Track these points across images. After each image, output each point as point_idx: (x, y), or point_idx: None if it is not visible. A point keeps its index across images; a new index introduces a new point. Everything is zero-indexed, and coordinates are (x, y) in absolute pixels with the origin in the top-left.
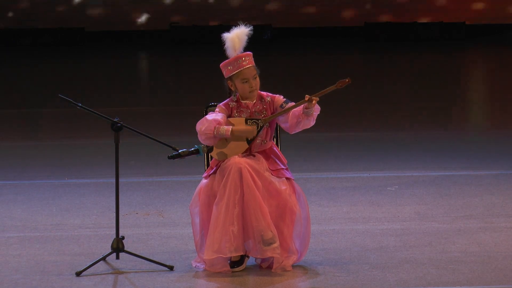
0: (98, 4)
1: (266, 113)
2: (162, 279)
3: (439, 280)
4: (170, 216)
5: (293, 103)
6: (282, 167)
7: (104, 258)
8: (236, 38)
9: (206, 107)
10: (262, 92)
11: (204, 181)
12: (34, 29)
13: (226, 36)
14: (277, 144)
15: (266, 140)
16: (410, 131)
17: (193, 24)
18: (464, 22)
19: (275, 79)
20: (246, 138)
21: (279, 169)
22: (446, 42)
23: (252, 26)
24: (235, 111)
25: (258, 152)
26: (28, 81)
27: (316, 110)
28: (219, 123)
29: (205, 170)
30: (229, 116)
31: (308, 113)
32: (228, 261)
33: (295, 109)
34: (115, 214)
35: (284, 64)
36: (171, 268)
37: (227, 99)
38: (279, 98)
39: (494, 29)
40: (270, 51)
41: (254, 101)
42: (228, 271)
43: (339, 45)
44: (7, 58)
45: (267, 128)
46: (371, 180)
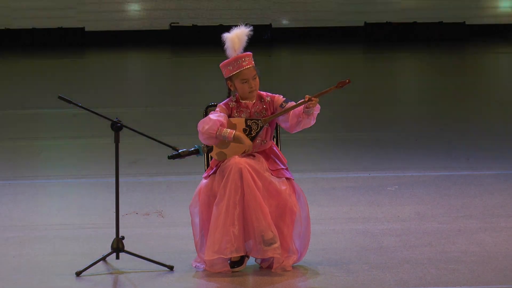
0: (98, 4)
1: (266, 113)
2: (162, 279)
3: (439, 280)
4: (170, 216)
5: (293, 103)
6: (282, 167)
7: (104, 258)
8: (236, 38)
9: (206, 107)
10: (261, 92)
11: (204, 181)
12: (34, 29)
13: (226, 36)
14: (277, 144)
15: (266, 140)
16: (410, 131)
17: (193, 24)
18: (464, 22)
19: (275, 79)
20: None
21: (279, 169)
22: (446, 42)
23: (252, 26)
24: (235, 111)
25: (258, 152)
26: (28, 81)
27: (317, 109)
28: (222, 125)
29: (205, 170)
30: (229, 116)
31: (308, 113)
32: (228, 261)
33: (296, 108)
34: (115, 214)
35: (284, 64)
36: (171, 268)
37: (227, 99)
38: (279, 97)
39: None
40: (270, 51)
41: (254, 101)
42: (228, 271)
43: (339, 45)
44: (7, 58)
45: (267, 128)
46: (371, 180)
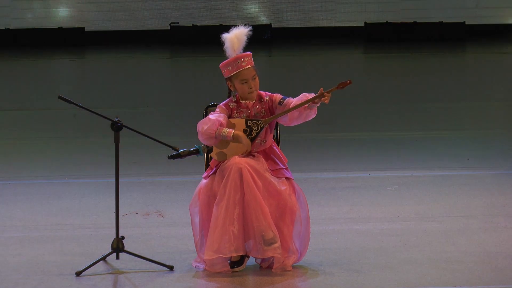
0: (98, 4)
1: (265, 112)
2: (162, 279)
3: (439, 280)
4: (170, 216)
5: (291, 99)
6: (282, 167)
7: (104, 258)
8: (235, 38)
9: (206, 107)
10: (261, 92)
11: (203, 181)
12: (34, 29)
13: (225, 36)
14: (277, 144)
15: (266, 140)
16: (410, 131)
17: (193, 24)
18: (464, 22)
19: (275, 79)
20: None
21: (278, 169)
22: (446, 42)
23: (251, 26)
24: (235, 112)
25: (258, 152)
26: (28, 81)
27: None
28: (221, 124)
29: (205, 170)
30: (229, 117)
31: (311, 106)
32: (228, 261)
33: (296, 103)
34: (115, 214)
35: (284, 64)
36: (171, 268)
37: (227, 99)
38: (277, 96)
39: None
40: (270, 51)
41: (254, 101)
42: (228, 271)
43: (339, 45)
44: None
45: (267, 128)
46: (371, 180)
